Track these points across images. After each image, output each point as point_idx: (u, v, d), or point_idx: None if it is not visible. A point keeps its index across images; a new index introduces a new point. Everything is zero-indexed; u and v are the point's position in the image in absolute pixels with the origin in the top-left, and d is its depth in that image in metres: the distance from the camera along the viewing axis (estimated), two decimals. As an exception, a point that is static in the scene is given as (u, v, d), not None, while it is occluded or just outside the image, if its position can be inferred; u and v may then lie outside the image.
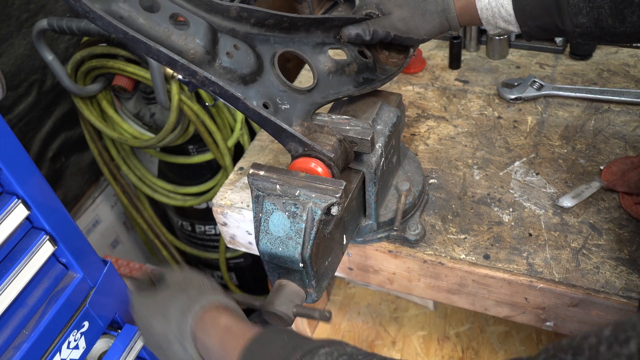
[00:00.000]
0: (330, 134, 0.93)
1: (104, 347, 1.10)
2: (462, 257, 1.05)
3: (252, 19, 0.99)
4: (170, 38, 0.89)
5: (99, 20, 0.82)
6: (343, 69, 1.03)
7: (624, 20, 0.90)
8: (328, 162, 0.89)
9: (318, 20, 1.03)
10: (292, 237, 0.85)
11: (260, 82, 0.96)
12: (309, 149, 0.90)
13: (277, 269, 0.90)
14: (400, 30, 1.01)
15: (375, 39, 1.03)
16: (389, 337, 1.53)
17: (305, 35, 1.04)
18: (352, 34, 1.03)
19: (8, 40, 1.65)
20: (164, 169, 2.05)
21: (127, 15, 0.86)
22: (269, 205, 0.86)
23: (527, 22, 0.96)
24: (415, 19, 1.01)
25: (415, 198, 1.09)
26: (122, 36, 0.83)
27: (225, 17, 0.97)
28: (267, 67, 0.98)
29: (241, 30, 0.99)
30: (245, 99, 0.89)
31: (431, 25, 1.01)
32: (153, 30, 0.87)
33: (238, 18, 0.98)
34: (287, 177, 0.87)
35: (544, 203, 1.12)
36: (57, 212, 0.97)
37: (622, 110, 1.28)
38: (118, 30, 0.83)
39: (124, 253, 2.38)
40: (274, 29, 1.01)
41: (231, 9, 0.97)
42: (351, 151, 0.94)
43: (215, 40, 0.93)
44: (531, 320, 1.06)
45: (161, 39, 0.88)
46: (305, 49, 1.03)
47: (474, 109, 1.34)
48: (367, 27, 1.02)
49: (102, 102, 1.78)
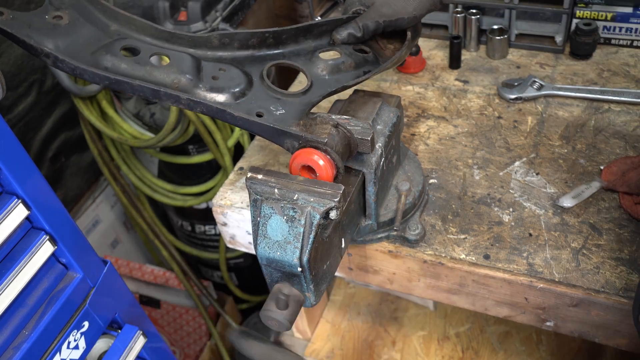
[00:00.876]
0: (324, 122, 0.92)
1: (104, 347, 1.09)
2: (462, 257, 1.05)
3: (235, 43, 1.02)
4: (152, 74, 0.94)
5: (85, 74, 0.90)
6: (339, 67, 1.03)
7: None
8: (324, 148, 0.88)
9: (304, 28, 1.04)
10: (291, 241, 0.84)
11: (250, 96, 0.97)
12: (304, 141, 0.90)
13: (275, 273, 0.89)
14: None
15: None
16: (389, 337, 1.53)
17: (295, 45, 1.05)
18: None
19: (8, 40, 1.65)
20: (164, 169, 2.05)
21: (110, 65, 0.93)
22: (267, 209, 0.86)
23: None
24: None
25: (415, 198, 1.09)
26: (107, 83, 0.91)
27: (209, 48, 1.03)
28: (257, 82, 0.99)
29: (228, 56, 1.03)
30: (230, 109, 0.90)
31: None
32: (135, 71, 0.93)
33: (222, 46, 1.02)
34: (285, 180, 0.86)
35: (544, 203, 1.12)
36: (57, 212, 0.97)
37: (622, 110, 1.28)
38: (102, 79, 0.90)
39: (124, 253, 2.38)
40: (260, 47, 1.03)
41: (212, 39, 1.02)
42: (352, 136, 0.93)
43: (198, 68, 0.97)
44: (531, 320, 1.06)
45: (143, 77, 0.94)
46: (298, 58, 1.04)
47: (474, 109, 1.34)
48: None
49: (102, 102, 1.78)
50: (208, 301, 2.11)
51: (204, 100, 0.92)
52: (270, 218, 0.86)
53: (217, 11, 1.62)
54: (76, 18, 0.96)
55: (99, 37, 0.97)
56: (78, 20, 0.96)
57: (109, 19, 0.99)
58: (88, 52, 0.94)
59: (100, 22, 0.98)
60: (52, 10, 0.95)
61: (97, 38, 0.96)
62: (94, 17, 0.98)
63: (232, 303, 2.26)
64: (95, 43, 0.95)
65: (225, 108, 0.91)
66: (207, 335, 2.22)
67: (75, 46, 0.94)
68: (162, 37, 1.00)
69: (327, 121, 0.92)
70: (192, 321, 2.20)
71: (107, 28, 0.98)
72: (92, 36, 0.96)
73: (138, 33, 0.99)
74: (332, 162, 0.89)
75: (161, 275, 2.15)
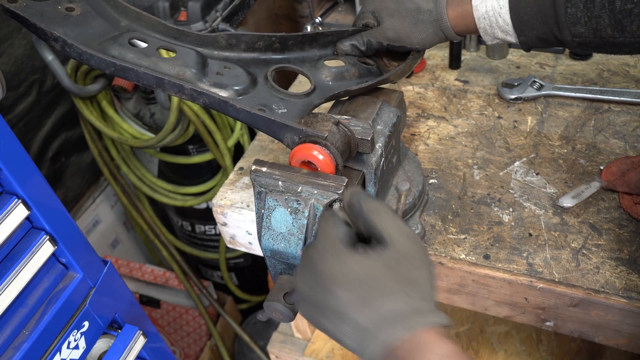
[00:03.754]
0: (324, 119, 0.93)
1: (104, 347, 1.09)
2: (462, 257, 1.05)
3: (241, 44, 1.04)
4: (158, 65, 0.95)
5: (91, 59, 0.91)
6: (342, 75, 1.05)
7: (623, 30, 0.88)
8: (324, 143, 0.89)
9: (310, 36, 1.06)
10: (294, 233, 0.85)
11: (253, 94, 0.98)
12: (304, 135, 0.90)
13: (279, 265, 0.90)
14: (391, 39, 1.03)
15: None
16: (389, 337, 1.53)
17: (300, 52, 1.07)
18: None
19: (8, 40, 1.65)
20: (164, 169, 2.06)
21: (117, 53, 0.94)
22: (271, 201, 0.87)
23: (524, 31, 0.96)
24: (405, 28, 1.01)
25: (415, 198, 1.09)
26: (112, 69, 0.91)
27: (216, 47, 1.04)
28: (261, 82, 1.00)
29: (234, 57, 1.05)
30: (233, 100, 0.91)
31: (425, 35, 1.02)
32: (141, 61, 0.94)
33: (228, 46, 1.03)
34: (289, 173, 0.87)
35: (544, 203, 1.12)
36: (57, 212, 0.97)
37: (622, 110, 1.28)
38: (109, 65, 0.91)
39: (124, 253, 2.38)
40: (266, 50, 1.05)
41: (220, 39, 1.03)
42: (353, 135, 0.94)
43: (204, 64, 0.99)
44: (531, 320, 1.06)
45: (149, 67, 0.94)
46: (302, 64, 1.06)
47: (474, 109, 1.34)
48: (361, 38, 1.05)
49: (102, 102, 1.78)
50: (208, 301, 2.11)
51: (205, 90, 0.93)
52: (274, 210, 0.86)
53: (217, 11, 1.62)
54: (88, 11, 0.97)
55: (108, 31, 0.97)
56: (89, 13, 0.97)
57: (120, 14, 1.00)
58: (96, 43, 0.95)
59: (111, 17, 0.99)
60: (65, 2, 0.97)
61: (107, 31, 0.97)
62: (105, 11, 0.99)
63: (232, 303, 2.26)
64: (104, 35, 0.96)
65: (228, 100, 0.92)
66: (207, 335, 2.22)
67: (84, 36, 0.95)
68: (171, 34, 1.01)
69: (328, 119, 0.93)
70: (192, 321, 2.20)
71: (117, 23, 0.99)
72: (102, 29, 0.97)
73: (147, 29, 1.01)
74: (332, 157, 0.89)
75: (161, 275, 2.16)
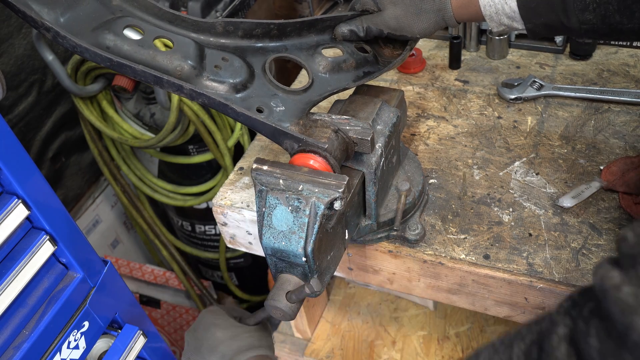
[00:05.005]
0: (324, 126, 0.93)
1: (104, 347, 1.09)
2: (462, 257, 1.05)
3: (239, 31, 1.01)
4: (156, 59, 0.93)
5: (86, 52, 0.87)
6: (340, 65, 1.04)
7: (632, 16, 0.86)
8: (323, 154, 0.89)
9: (308, 22, 1.04)
10: (295, 231, 0.85)
11: (252, 89, 0.97)
12: (303, 144, 0.90)
13: (280, 263, 0.90)
14: (392, 28, 1.01)
15: (369, 36, 1.03)
16: (389, 337, 1.53)
17: (298, 39, 1.05)
18: (346, 32, 1.03)
19: (8, 40, 1.65)
20: (164, 169, 2.05)
21: (112, 44, 0.91)
22: (272, 199, 0.87)
23: (531, 18, 0.94)
24: (407, 17, 1.00)
25: (415, 198, 1.09)
26: (108, 64, 0.88)
27: (213, 34, 1.01)
28: (259, 75, 0.99)
29: (231, 44, 1.02)
30: (232, 104, 0.90)
31: (426, 24, 1.00)
32: (138, 54, 0.92)
33: (225, 33, 1.01)
34: (290, 171, 0.87)
35: (544, 203, 1.12)
36: (57, 212, 0.97)
37: (622, 110, 1.28)
38: (104, 59, 0.88)
39: (124, 253, 2.38)
40: (264, 37, 1.03)
41: (217, 25, 1.00)
42: (350, 142, 0.94)
43: (202, 56, 0.96)
44: (531, 320, 1.06)
45: (146, 62, 0.92)
46: (300, 52, 1.04)
47: (474, 109, 1.34)
48: (361, 24, 1.02)
49: (102, 102, 1.78)
50: (208, 301, 2.11)
51: (206, 91, 0.92)
52: (275, 208, 0.86)
53: (217, 11, 1.62)
54: None
55: (100, 12, 0.95)
56: None
57: None
58: (89, 28, 0.92)
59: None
60: None
61: (99, 13, 0.95)
62: None
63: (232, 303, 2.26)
64: (96, 18, 0.93)
65: (227, 102, 0.91)
66: (207, 335, 2.21)
67: (75, 20, 0.92)
68: (166, 17, 0.98)
69: (328, 125, 0.93)
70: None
71: (108, 2, 0.96)
72: (93, 10, 0.94)
73: (140, 11, 0.98)
74: (331, 168, 0.90)
75: (161, 275, 2.16)
